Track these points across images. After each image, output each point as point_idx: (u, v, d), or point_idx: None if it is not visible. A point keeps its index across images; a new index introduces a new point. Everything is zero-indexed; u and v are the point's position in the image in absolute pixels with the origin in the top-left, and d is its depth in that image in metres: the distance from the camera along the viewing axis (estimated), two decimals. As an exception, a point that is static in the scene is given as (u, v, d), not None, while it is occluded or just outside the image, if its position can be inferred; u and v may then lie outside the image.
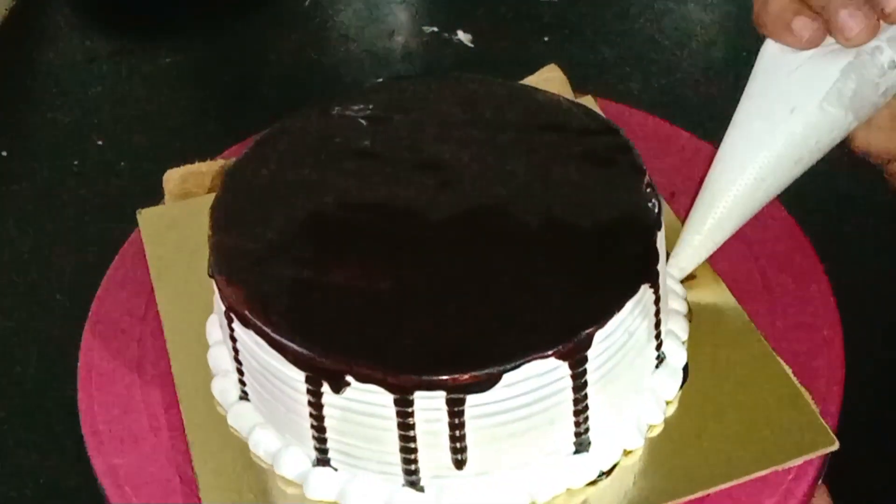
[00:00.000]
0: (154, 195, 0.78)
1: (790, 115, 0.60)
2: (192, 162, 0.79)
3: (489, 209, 0.62)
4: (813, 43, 0.58)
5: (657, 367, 0.62)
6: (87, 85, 1.31)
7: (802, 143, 0.60)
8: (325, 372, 0.55)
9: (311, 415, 0.57)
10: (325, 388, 0.56)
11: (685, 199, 0.68)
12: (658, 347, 0.62)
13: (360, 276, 0.59)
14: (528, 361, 0.55)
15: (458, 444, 0.56)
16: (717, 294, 0.68)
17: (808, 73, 0.59)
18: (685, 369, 0.64)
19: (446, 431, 0.56)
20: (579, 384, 0.57)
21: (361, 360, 0.55)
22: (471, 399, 0.55)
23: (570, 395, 0.57)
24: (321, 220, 0.63)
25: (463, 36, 1.31)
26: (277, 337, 0.56)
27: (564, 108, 0.68)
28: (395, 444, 0.57)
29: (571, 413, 0.58)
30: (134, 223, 0.77)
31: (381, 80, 0.71)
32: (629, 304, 0.57)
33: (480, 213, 0.62)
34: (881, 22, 0.57)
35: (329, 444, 0.58)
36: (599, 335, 0.57)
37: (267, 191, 0.64)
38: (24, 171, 1.20)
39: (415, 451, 0.57)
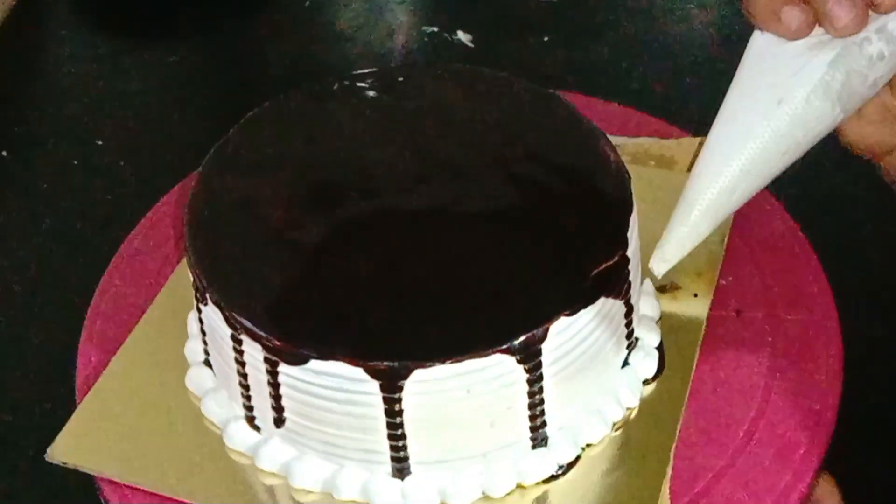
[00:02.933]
0: (154, 194, 0.78)
1: (777, 106, 0.60)
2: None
3: (452, 209, 0.63)
4: (801, 33, 0.58)
5: (534, 447, 0.61)
6: (88, 85, 1.31)
7: (789, 135, 0.60)
8: (203, 284, 0.59)
9: (201, 329, 0.61)
10: (202, 305, 0.60)
11: (750, 313, 0.68)
12: (535, 429, 0.60)
13: (292, 228, 0.62)
14: (335, 359, 0.56)
15: (276, 403, 0.59)
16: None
17: (796, 64, 0.59)
18: (570, 464, 0.61)
19: (267, 387, 0.59)
20: (393, 409, 0.57)
21: (235, 303, 0.58)
22: (283, 367, 0.57)
23: (381, 415, 0.58)
24: (295, 182, 0.66)
25: (463, 36, 1.31)
26: (189, 252, 0.61)
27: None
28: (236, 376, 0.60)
29: (385, 436, 0.58)
30: (133, 223, 0.77)
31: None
32: (470, 364, 0.56)
33: (443, 209, 0.63)
34: (870, 12, 0.57)
35: (215, 369, 0.62)
36: (420, 374, 0.56)
37: (261, 153, 0.67)
38: (24, 171, 1.20)
39: (248, 387, 0.60)
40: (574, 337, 0.58)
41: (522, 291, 0.59)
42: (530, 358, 0.57)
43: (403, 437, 0.58)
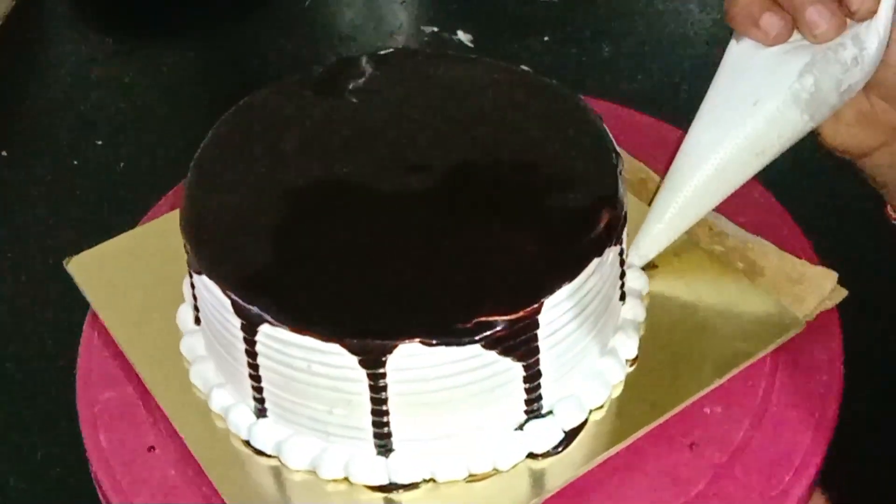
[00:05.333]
0: (154, 194, 0.78)
1: (753, 108, 0.60)
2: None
3: (421, 200, 0.63)
4: (780, 39, 0.59)
5: (378, 453, 0.60)
6: (87, 85, 1.32)
7: (764, 135, 0.61)
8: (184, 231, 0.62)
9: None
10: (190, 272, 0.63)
11: (705, 449, 0.63)
12: (380, 437, 0.60)
13: (273, 184, 0.64)
14: (213, 281, 0.59)
15: (195, 303, 0.63)
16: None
17: (772, 68, 0.60)
18: (404, 486, 0.61)
19: (192, 288, 0.63)
20: (251, 350, 0.60)
21: (186, 214, 0.62)
22: (194, 274, 0.62)
23: (243, 352, 0.60)
24: (291, 152, 0.66)
25: (463, 36, 1.31)
26: (183, 218, 0.62)
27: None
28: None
29: (247, 375, 0.61)
30: (132, 222, 0.77)
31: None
32: (309, 341, 0.57)
33: (413, 198, 0.63)
34: (847, 19, 0.58)
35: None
36: (267, 328, 0.58)
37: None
38: (24, 171, 1.21)
39: (193, 285, 0.63)
40: (429, 369, 0.57)
41: (407, 298, 0.58)
42: (373, 365, 0.57)
43: (259, 379, 0.60)
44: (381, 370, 0.58)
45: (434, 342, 0.56)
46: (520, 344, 0.58)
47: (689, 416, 0.62)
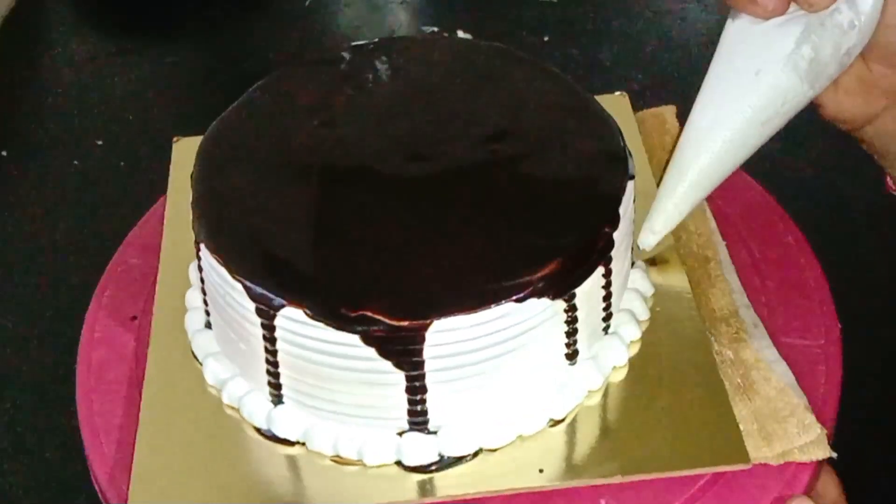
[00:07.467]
0: (154, 194, 0.78)
1: (755, 77, 0.61)
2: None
3: (429, 181, 0.63)
4: (776, 13, 0.60)
5: (274, 404, 0.62)
6: (87, 85, 1.32)
7: (769, 104, 0.62)
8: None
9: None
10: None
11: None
12: (273, 386, 0.61)
13: (279, 166, 0.65)
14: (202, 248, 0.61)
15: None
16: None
17: (769, 39, 0.61)
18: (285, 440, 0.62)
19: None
20: (200, 276, 0.63)
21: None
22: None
23: (198, 280, 0.64)
24: (299, 134, 0.67)
25: (463, 36, 1.31)
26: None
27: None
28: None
29: (201, 299, 0.65)
30: (132, 222, 0.78)
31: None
32: (224, 276, 0.60)
33: (411, 181, 0.63)
34: None
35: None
36: (204, 252, 0.61)
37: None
38: (24, 171, 1.21)
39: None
40: (310, 340, 0.58)
41: (321, 269, 0.59)
42: (265, 317, 0.59)
43: (205, 293, 0.64)
44: (272, 324, 0.59)
45: (314, 315, 0.57)
46: (402, 353, 0.57)
47: (576, 496, 0.57)
